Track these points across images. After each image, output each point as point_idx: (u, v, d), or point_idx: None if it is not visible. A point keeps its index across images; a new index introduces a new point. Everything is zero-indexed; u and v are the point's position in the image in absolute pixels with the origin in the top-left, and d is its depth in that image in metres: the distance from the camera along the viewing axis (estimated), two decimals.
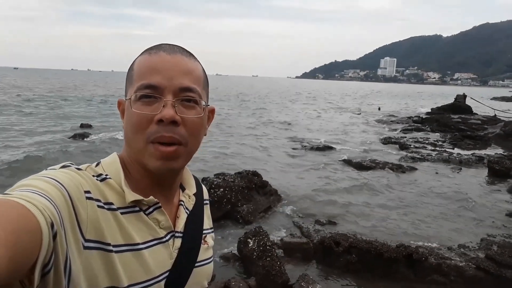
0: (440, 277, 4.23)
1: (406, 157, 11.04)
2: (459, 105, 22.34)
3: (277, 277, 3.94)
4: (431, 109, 24.36)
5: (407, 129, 17.35)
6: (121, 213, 0.71)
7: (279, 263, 4.06)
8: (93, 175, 0.72)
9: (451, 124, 17.44)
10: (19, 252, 0.47)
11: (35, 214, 0.50)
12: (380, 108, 30.91)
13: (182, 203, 0.84)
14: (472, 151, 12.14)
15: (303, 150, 12.00)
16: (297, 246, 4.87)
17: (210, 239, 0.90)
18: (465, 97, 23.23)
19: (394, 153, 11.77)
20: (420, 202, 7.11)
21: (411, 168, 9.64)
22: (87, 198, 0.66)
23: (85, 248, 0.63)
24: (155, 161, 0.72)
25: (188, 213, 0.84)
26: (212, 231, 0.93)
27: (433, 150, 12.22)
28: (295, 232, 5.46)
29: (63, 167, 0.69)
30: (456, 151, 12.16)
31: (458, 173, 9.48)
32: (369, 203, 6.95)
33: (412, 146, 12.95)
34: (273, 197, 6.83)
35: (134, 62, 0.78)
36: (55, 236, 0.53)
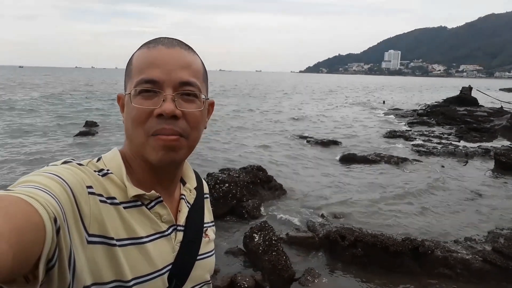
0: (446, 270, 4.21)
1: (411, 150, 11.00)
2: (465, 97, 22.11)
3: (283, 271, 3.95)
4: (436, 102, 24.15)
5: (412, 122, 17.24)
6: (124, 208, 0.71)
7: (285, 258, 4.07)
8: (95, 170, 0.72)
9: (457, 116, 17.26)
10: (23, 247, 0.47)
11: (38, 209, 0.51)
12: (384, 101, 30.76)
13: (183, 197, 0.84)
14: (478, 144, 12.03)
15: (309, 144, 11.98)
16: (302, 240, 4.88)
17: (211, 233, 0.91)
18: (470, 89, 22.99)
19: (399, 147, 11.70)
20: (426, 195, 7.08)
21: (416, 161, 9.59)
22: (90, 193, 0.66)
23: (89, 242, 0.64)
24: (157, 152, 0.72)
25: (189, 206, 0.84)
26: (213, 225, 0.94)
27: (439, 143, 12.13)
28: (301, 226, 5.47)
29: (65, 163, 0.69)
30: (462, 143, 12.07)
31: (464, 165, 9.42)
32: (374, 197, 6.93)
33: (417, 139, 12.88)
34: (278, 191, 6.84)
35: (132, 56, 0.78)
36: (58, 231, 0.53)
